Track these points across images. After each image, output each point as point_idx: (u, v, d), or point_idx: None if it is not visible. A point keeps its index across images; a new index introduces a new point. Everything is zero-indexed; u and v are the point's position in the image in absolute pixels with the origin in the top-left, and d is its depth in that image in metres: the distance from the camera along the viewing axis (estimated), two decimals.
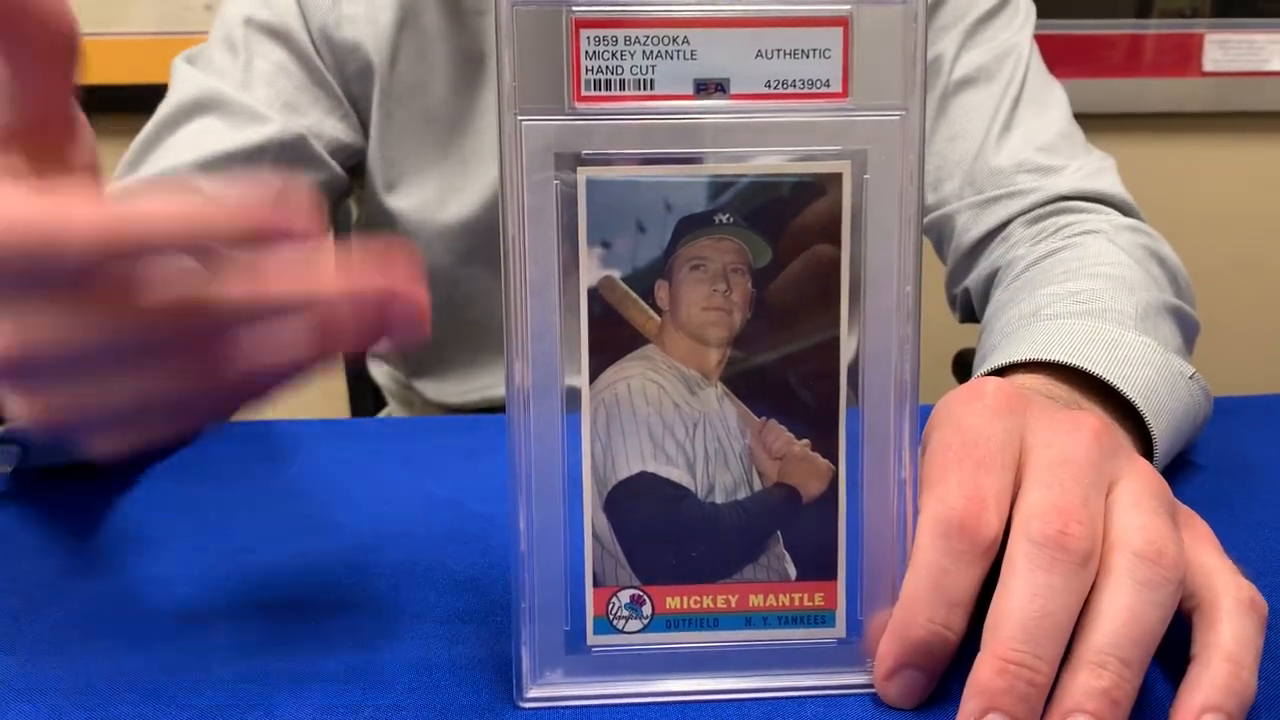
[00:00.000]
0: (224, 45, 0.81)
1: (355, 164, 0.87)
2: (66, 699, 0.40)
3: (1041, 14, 0.87)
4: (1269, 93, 1.81)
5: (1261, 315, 1.88)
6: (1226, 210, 1.86)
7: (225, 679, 0.41)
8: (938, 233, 0.84)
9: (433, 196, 0.86)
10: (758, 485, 0.39)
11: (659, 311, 0.38)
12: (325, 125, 0.82)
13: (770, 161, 0.37)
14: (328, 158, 0.82)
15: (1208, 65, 1.79)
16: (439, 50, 0.83)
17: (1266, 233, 1.88)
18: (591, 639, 0.39)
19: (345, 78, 0.83)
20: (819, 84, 0.37)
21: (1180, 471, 0.58)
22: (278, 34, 0.81)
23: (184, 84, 0.80)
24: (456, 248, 0.87)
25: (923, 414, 0.40)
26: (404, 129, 0.85)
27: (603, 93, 0.37)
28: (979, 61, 0.82)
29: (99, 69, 1.68)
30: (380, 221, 0.89)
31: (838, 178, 0.38)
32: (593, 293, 0.38)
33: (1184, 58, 1.79)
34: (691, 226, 0.37)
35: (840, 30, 0.37)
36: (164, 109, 0.80)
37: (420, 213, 0.87)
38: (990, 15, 0.83)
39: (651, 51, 0.37)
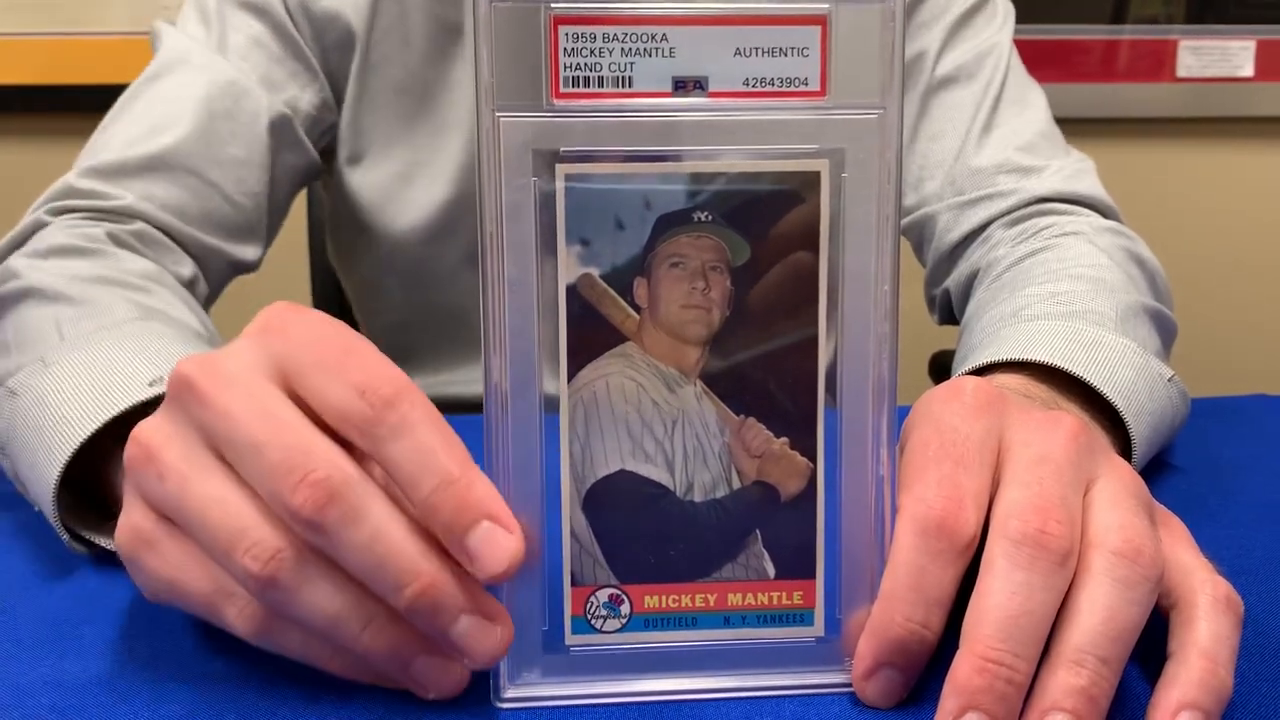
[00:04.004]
0: (198, 20, 0.80)
1: (327, 144, 0.86)
2: (38, 699, 0.39)
3: (1017, 19, 0.87)
4: (1241, 98, 1.82)
5: (1234, 316, 1.90)
6: (1199, 214, 1.87)
7: (199, 680, 0.40)
8: (918, 233, 0.84)
9: (400, 170, 0.85)
10: (736, 483, 0.39)
11: (638, 309, 0.38)
12: (303, 100, 0.81)
13: (749, 160, 0.37)
14: (307, 140, 0.81)
15: (1181, 71, 1.81)
16: (415, 18, 0.82)
17: (1238, 236, 1.90)
18: (569, 638, 0.39)
19: (324, 48, 0.82)
20: (797, 82, 0.37)
21: (1156, 472, 0.58)
22: (252, 7, 0.80)
23: (170, 41, 0.78)
24: (423, 224, 0.86)
25: (901, 415, 0.40)
26: (376, 99, 0.84)
27: (581, 90, 0.36)
28: (960, 60, 0.82)
29: (73, 69, 1.66)
30: (343, 198, 0.87)
31: (816, 176, 0.38)
32: (571, 290, 0.37)
33: (1158, 64, 1.81)
34: (670, 224, 0.37)
35: (819, 29, 0.37)
36: (148, 69, 0.78)
37: (386, 187, 0.85)
38: (971, 13, 0.83)
39: (630, 49, 0.36)
